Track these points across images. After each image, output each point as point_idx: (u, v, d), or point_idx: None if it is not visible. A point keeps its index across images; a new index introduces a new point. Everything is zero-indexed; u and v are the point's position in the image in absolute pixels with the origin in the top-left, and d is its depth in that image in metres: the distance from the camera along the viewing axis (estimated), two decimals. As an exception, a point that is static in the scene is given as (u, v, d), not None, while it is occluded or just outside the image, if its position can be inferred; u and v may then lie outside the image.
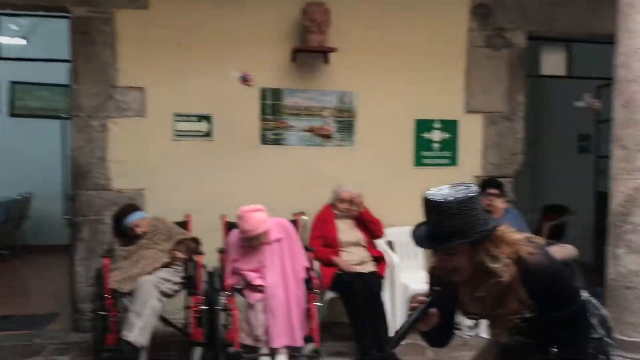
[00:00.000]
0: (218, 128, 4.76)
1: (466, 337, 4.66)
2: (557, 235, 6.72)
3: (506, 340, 2.07)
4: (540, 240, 2.01)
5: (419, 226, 2.01)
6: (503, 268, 1.89)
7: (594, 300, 2.12)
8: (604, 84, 5.59)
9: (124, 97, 4.64)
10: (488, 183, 4.93)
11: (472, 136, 5.20)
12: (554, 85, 7.25)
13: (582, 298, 2.04)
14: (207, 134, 4.75)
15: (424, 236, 1.94)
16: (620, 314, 4.04)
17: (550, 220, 7.03)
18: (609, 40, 4.28)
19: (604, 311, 2.13)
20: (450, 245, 1.88)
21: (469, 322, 4.68)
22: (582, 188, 7.03)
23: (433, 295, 2.00)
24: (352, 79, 4.95)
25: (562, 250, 4.60)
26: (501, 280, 1.89)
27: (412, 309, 2.00)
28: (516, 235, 1.95)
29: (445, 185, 1.94)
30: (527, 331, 2.02)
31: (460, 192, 1.88)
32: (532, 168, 8.45)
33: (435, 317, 2.03)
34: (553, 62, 5.71)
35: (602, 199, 5.75)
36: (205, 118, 4.75)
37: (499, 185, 4.90)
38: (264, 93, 4.82)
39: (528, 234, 2.02)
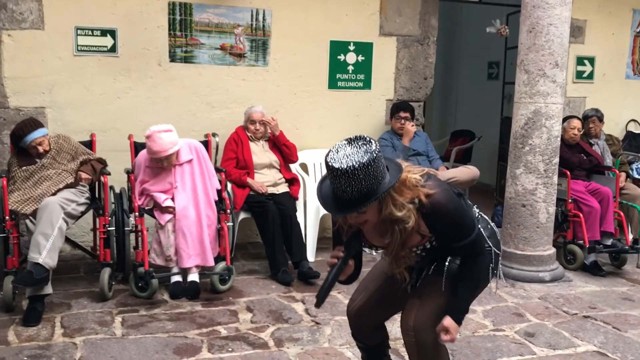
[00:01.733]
0: (123, 43, 4.50)
1: (374, 254, 4.84)
2: (464, 158, 7.02)
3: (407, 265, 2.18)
4: (438, 174, 2.10)
5: (322, 182, 2.00)
6: (408, 214, 1.94)
7: (484, 216, 2.26)
8: (514, 11, 5.72)
9: (18, 6, 4.27)
10: (399, 106, 5.01)
11: (385, 59, 5.22)
12: (467, 10, 7.36)
13: (478, 226, 2.12)
14: (112, 50, 4.49)
15: (333, 204, 1.93)
16: (516, 229, 4.34)
17: (458, 144, 7.31)
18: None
19: (493, 225, 2.27)
20: (359, 209, 1.89)
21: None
22: (489, 113, 7.30)
23: (348, 251, 2.05)
24: (266, -4, 4.80)
25: (467, 171, 4.82)
26: (407, 226, 1.96)
27: (332, 265, 2.06)
28: (416, 175, 1.98)
29: (343, 141, 1.90)
30: (426, 257, 2.17)
31: (362, 153, 1.84)
32: (443, 93, 8.68)
33: (351, 267, 2.13)
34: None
35: (507, 124, 6.01)
36: (110, 32, 4.47)
37: (410, 109, 5.00)
38: (172, 7, 4.58)
39: (427, 168, 2.07)
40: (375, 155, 1.85)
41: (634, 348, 3.22)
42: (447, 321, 2.09)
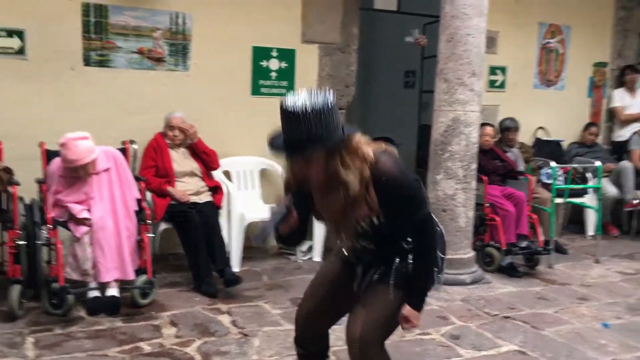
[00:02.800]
0: (33, 45, 4.23)
1: (300, 261, 4.83)
2: (384, 165, 7.14)
3: (352, 245, 2.15)
4: (392, 149, 2.06)
5: (277, 135, 1.95)
6: (354, 180, 1.92)
7: (434, 217, 2.19)
8: (431, 21, 5.88)
9: None
10: (323, 113, 5.02)
11: (308, 66, 5.22)
12: (385, 20, 7.49)
13: (428, 208, 2.09)
14: (20, 52, 4.21)
15: (281, 144, 1.90)
16: (438, 234, 4.43)
17: (379, 152, 7.42)
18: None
19: (442, 228, 2.22)
20: (306, 152, 1.88)
21: (303, 247, 4.86)
22: (407, 121, 7.47)
23: (295, 200, 2.05)
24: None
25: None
26: (351, 192, 1.93)
27: (274, 211, 2.04)
28: (370, 146, 1.98)
29: (303, 90, 1.88)
30: (373, 238, 2.08)
31: (317, 100, 1.84)
32: (362, 101, 8.79)
33: (295, 220, 2.08)
34: (385, -3, 5.87)
35: (423, 131, 6.17)
36: (17, 33, 4.19)
37: (333, 116, 5.01)
38: (86, 8, 4.36)
39: (381, 143, 2.05)
40: (330, 105, 1.85)
41: (551, 345, 3.37)
42: (406, 310, 2.08)
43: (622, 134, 6.65)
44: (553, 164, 5.22)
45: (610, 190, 6.01)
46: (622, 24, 6.83)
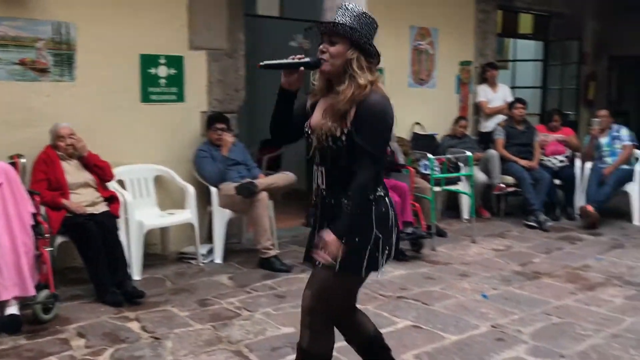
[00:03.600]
0: None
1: (202, 264, 4.92)
2: (275, 166, 7.37)
3: (316, 187, 2.38)
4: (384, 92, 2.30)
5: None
6: (348, 92, 2.20)
7: (387, 201, 2.36)
8: (312, 26, 6.17)
9: None
10: (215, 118, 5.15)
11: (197, 72, 5.31)
12: (271, 25, 7.71)
13: (383, 160, 2.33)
14: None
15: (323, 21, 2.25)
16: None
17: (267, 153, 7.64)
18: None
19: (391, 213, 2.35)
20: (338, 32, 2.21)
21: (204, 250, 4.95)
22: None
23: (306, 63, 2.30)
24: (68, 9, 4.58)
25: (285, 177, 5.11)
26: (341, 101, 2.21)
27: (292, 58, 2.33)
28: (377, 84, 2.27)
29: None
30: (330, 165, 2.29)
31: (367, 13, 2.29)
32: (250, 104, 8.96)
33: (297, 80, 2.34)
34: (268, 3, 6.08)
35: (312, 130, 6.44)
36: None
37: (225, 120, 5.17)
38: (-40, 19, 4.18)
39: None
40: (370, 19, 2.29)
41: (441, 318, 3.76)
42: (326, 234, 2.18)
43: (487, 125, 7.35)
44: (430, 156, 5.71)
45: (480, 176, 6.64)
46: (481, 26, 7.54)
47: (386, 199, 2.35)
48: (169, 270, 4.77)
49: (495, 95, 7.40)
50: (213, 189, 4.98)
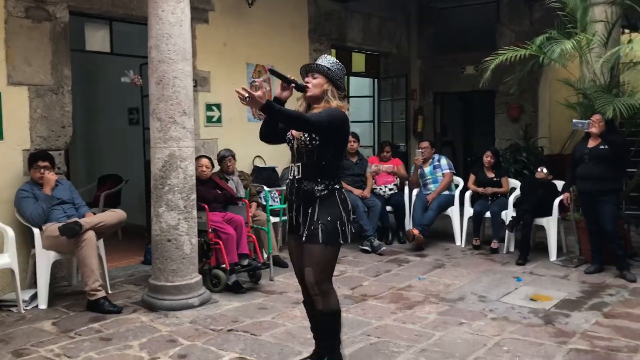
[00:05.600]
0: None
1: (23, 311, 4.63)
2: (113, 202, 7.15)
3: (292, 178, 3.24)
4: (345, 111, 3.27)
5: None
6: (321, 109, 3.19)
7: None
8: (146, 62, 6.15)
9: None
10: (37, 156, 4.94)
11: (18, 109, 5.06)
12: (105, 61, 7.55)
13: (340, 157, 3.30)
14: None
15: (308, 68, 3.26)
16: (165, 263, 4.70)
17: (106, 189, 7.40)
18: (145, 22, 4.77)
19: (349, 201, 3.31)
20: (318, 71, 3.20)
21: (26, 296, 4.67)
22: (134, 157, 7.59)
23: (297, 84, 3.19)
24: None
25: (113, 214, 5.00)
26: (317, 109, 3.22)
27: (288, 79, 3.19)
28: (342, 104, 3.25)
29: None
30: (305, 160, 3.19)
31: (337, 63, 3.29)
32: (86, 140, 8.66)
33: (289, 93, 3.20)
34: (99, 38, 5.97)
35: (149, 166, 6.36)
36: None
37: (49, 158, 4.96)
38: None
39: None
40: (339, 67, 3.26)
41: (267, 347, 3.87)
42: (258, 92, 2.97)
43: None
44: (266, 188, 5.88)
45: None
46: (316, 64, 7.94)
47: (343, 189, 3.29)
48: (-16, 321, 4.44)
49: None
50: (36, 230, 4.74)
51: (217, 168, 6.04)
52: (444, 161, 7.32)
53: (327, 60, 3.26)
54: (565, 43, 5.91)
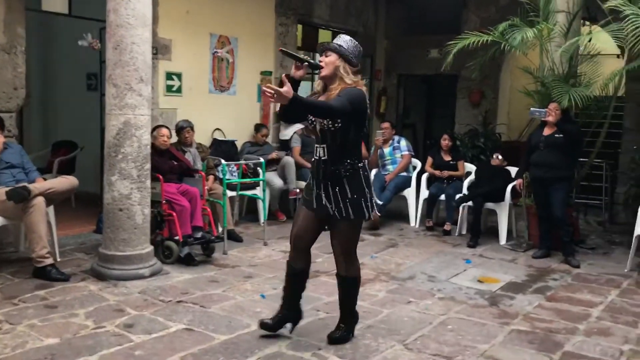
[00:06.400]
0: None
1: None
2: (67, 169, 6.99)
3: (317, 159, 3.39)
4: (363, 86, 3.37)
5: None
6: (336, 88, 3.28)
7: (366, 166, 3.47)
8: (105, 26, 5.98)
9: None
10: (-14, 117, 4.77)
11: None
12: (62, 23, 7.31)
13: (361, 135, 3.39)
14: None
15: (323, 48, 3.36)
16: (116, 233, 4.64)
17: (61, 155, 7.23)
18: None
19: (372, 196, 3.45)
20: (331, 49, 3.31)
21: None
22: (91, 124, 7.42)
23: (310, 63, 3.32)
24: None
25: (64, 181, 4.88)
26: (334, 95, 3.27)
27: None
28: (358, 80, 3.37)
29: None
30: (328, 141, 3.33)
31: (353, 41, 3.38)
32: (42, 104, 8.41)
33: (302, 72, 3.30)
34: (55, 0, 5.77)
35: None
36: None
37: (-2, 120, 4.80)
38: None
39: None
40: (355, 45, 3.36)
41: (214, 319, 3.87)
42: (285, 89, 2.94)
43: (287, 133, 7.69)
44: (223, 161, 5.83)
45: (277, 182, 6.93)
46: (281, 38, 7.87)
47: (366, 168, 3.45)
48: None
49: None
50: (-18, 194, 4.60)
51: (174, 139, 5.95)
52: (403, 143, 7.38)
53: (342, 39, 3.36)
54: (527, 31, 5.99)
